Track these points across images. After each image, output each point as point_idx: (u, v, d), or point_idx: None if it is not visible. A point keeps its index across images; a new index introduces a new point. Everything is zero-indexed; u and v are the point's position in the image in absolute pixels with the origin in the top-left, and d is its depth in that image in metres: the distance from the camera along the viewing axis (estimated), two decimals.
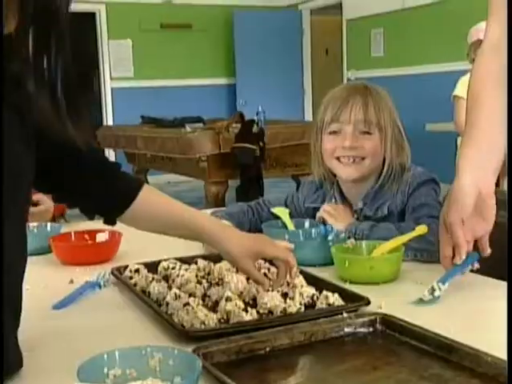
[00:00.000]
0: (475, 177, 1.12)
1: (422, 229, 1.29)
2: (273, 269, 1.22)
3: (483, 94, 1.16)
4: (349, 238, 1.37)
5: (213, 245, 1.13)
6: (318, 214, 1.53)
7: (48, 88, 0.78)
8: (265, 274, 1.19)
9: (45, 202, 1.86)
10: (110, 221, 1.15)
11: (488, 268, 1.26)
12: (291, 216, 1.62)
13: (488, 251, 1.16)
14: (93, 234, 1.51)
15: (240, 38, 8.38)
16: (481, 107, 1.16)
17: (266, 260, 1.27)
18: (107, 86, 8.45)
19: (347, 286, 1.16)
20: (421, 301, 1.11)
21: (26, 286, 1.24)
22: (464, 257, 1.13)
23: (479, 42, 1.22)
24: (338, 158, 1.51)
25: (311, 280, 1.16)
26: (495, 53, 1.17)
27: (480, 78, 1.18)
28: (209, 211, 1.72)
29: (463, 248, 1.12)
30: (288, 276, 1.11)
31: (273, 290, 1.08)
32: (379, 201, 1.50)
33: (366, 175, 1.52)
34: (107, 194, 1.09)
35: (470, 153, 1.15)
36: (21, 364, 0.87)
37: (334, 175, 1.58)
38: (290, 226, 1.55)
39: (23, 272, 0.92)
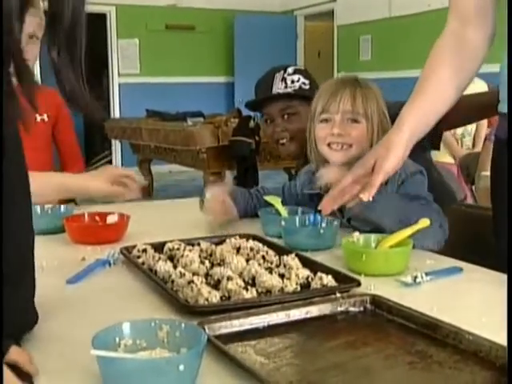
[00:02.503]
0: (412, 132, 1.22)
1: (424, 222, 1.24)
2: (270, 252, 1.22)
3: (434, 71, 1.26)
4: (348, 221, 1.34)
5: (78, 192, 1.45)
6: (318, 183, 1.48)
7: (72, 63, 0.77)
8: (263, 257, 1.20)
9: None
10: None
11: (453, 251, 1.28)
12: (287, 203, 1.62)
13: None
14: (103, 215, 1.50)
15: (240, 40, 8.36)
16: (429, 80, 1.25)
17: (264, 244, 1.27)
18: (115, 81, 8.41)
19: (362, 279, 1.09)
20: (403, 283, 1.11)
21: (42, 262, 1.25)
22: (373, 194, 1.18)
23: None
24: (329, 145, 1.51)
25: (306, 262, 1.15)
26: (450, 40, 1.25)
27: (435, 57, 1.27)
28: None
29: (375, 189, 1.17)
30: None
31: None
32: None
33: (354, 162, 1.50)
34: None
35: (413, 112, 1.23)
36: (36, 321, 0.89)
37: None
38: (283, 212, 1.55)
39: (33, 244, 0.91)
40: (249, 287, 1.02)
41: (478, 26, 1.22)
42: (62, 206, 1.62)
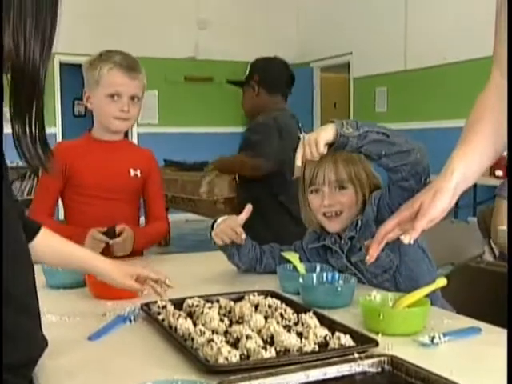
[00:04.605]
0: (461, 180, 1.22)
1: (441, 281, 1.26)
2: (288, 309, 1.23)
3: (481, 121, 1.27)
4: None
5: (98, 274, 1.40)
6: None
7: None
8: (281, 315, 1.21)
9: (127, 230, 1.96)
10: None
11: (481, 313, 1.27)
12: (300, 260, 1.64)
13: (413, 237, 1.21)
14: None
15: None
16: (476, 131, 1.26)
17: (282, 301, 1.29)
18: (134, 131, 8.56)
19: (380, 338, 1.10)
20: (420, 343, 1.11)
21: (64, 317, 1.28)
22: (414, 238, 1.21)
23: None
24: (324, 214, 1.60)
25: (324, 321, 1.16)
26: (495, 92, 1.27)
27: (481, 108, 1.29)
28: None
29: (417, 234, 1.20)
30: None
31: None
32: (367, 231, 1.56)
33: (349, 224, 1.60)
34: None
35: (462, 160, 1.24)
36: (47, 345, 0.89)
37: None
38: (301, 269, 1.57)
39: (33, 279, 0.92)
40: (268, 346, 1.03)
41: None
42: None
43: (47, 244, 1.32)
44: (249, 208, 1.68)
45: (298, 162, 1.45)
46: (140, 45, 8.15)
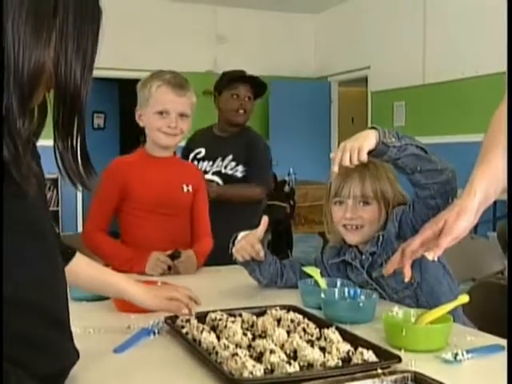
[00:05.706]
0: (483, 198, 1.24)
1: (464, 298, 1.27)
2: (311, 324, 1.24)
3: (498, 139, 1.28)
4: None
5: (129, 298, 1.36)
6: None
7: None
8: (303, 329, 1.22)
9: (188, 251, 2.02)
10: None
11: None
12: (321, 275, 1.65)
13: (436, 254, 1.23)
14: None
15: (275, 105, 8.52)
16: (494, 150, 1.28)
17: (304, 316, 1.30)
18: None
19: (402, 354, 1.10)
20: (443, 360, 1.11)
21: (89, 329, 1.30)
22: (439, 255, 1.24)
23: None
24: (344, 226, 1.62)
25: (346, 336, 1.17)
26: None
27: (500, 121, 1.30)
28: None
29: (441, 251, 1.23)
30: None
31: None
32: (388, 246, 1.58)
33: (370, 238, 1.60)
34: None
35: (483, 178, 1.26)
36: (78, 356, 0.91)
37: None
38: (322, 284, 1.58)
39: (66, 293, 0.91)
40: (291, 361, 1.04)
41: None
42: None
43: (81, 269, 1.29)
44: (265, 221, 1.69)
45: (335, 168, 1.45)
46: (159, 59, 8.25)
